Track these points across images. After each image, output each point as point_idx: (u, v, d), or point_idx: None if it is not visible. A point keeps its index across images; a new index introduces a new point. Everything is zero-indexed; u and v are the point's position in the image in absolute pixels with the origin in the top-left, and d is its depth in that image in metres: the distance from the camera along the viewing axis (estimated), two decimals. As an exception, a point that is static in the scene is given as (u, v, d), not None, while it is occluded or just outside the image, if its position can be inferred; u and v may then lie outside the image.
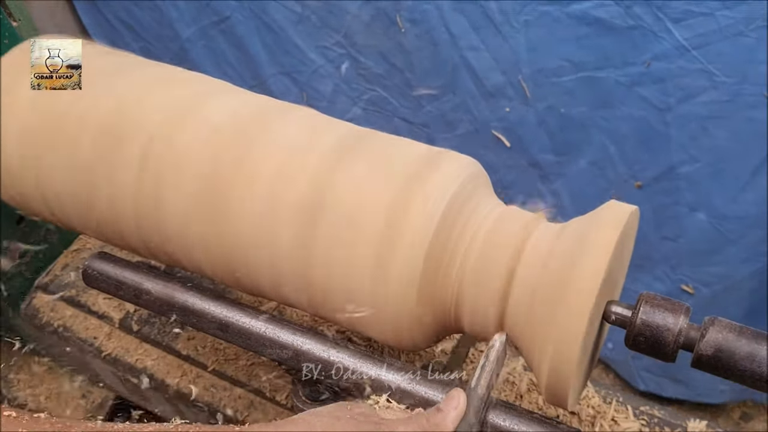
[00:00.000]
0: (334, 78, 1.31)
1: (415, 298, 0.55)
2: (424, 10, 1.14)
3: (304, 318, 0.90)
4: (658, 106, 1.10)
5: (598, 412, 0.80)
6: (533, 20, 1.10)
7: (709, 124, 1.08)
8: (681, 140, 1.12)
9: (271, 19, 1.28)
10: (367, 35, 1.22)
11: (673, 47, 1.04)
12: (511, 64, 1.15)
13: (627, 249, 0.58)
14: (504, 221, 0.58)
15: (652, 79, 1.08)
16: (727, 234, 1.16)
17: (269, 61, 1.35)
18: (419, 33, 1.17)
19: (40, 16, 1.34)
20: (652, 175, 1.18)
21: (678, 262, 1.25)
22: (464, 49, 1.16)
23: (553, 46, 1.11)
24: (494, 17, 1.11)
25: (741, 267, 1.19)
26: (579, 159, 1.22)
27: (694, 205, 1.17)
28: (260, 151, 0.60)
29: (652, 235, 1.23)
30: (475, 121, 1.25)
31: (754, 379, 0.47)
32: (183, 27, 1.37)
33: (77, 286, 1.02)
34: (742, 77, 1.02)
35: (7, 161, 0.69)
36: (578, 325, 0.48)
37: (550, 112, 1.19)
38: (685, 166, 1.14)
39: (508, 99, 1.20)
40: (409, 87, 1.26)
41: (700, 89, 1.06)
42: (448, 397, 0.52)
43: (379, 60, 1.25)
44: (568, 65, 1.12)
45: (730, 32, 0.99)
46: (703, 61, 1.02)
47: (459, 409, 0.50)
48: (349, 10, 1.20)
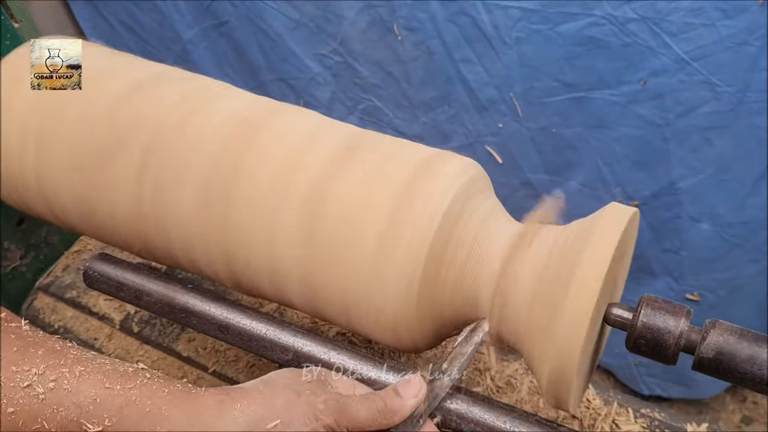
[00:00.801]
0: (331, 85, 1.31)
1: (415, 299, 0.55)
2: (420, 19, 1.13)
3: (305, 319, 0.90)
4: (656, 123, 1.08)
5: (599, 414, 0.80)
6: (525, 37, 1.08)
7: (711, 135, 1.06)
8: (681, 154, 1.10)
9: (268, 25, 1.27)
10: (363, 43, 1.21)
11: (672, 61, 1.01)
12: (503, 80, 1.13)
13: (628, 251, 0.58)
14: (504, 223, 0.58)
15: (650, 95, 1.06)
16: (733, 239, 1.15)
17: (267, 67, 1.34)
18: (416, 42, 1.16)
19: (41, 17, 1.35)
20: (649, 193, 1.16)
21: (681, 273, 1.23)
22: (458, 61, 1.15)
23: (544, 65, 1.09)
24: (487, 31, 1.09)
25: (747, 268, 1.18)
26: (571, 180, 1.21)
27: (697, 217, 1.15)
28: (261, 152, 0.60)
29: (652, 250, 1.22)
30: (469, 134, 1.23)
31: (755, 382, 0.47)
32: (185, 28, 1.37)
33: (78, 288, 1.02)
34: (745, 85, 1.00)
35: (7, 161, 0.69)
36: (579, 327, 0.47)
37: (542, 132, 1.17)
38: (687, 179, 1.12)
39: (501, 114, 1.18)
40: (405, 97, 1.25)
41: (702, 101, 1.04)
42: (408, 382, 0.51)
43: (375, 69, 1.24)
44: (559, 86, 1.10)
45: (733, 42, 0.97)
46: (705, 73, 1.01)
47: (418, 398, 0.50)
48: (346, 17, 1.19)
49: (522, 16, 1.05)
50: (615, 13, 1.00)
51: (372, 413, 0.48)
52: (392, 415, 0.49)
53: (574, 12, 1.03)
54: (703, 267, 1.21)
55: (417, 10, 1.12)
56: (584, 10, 1.02)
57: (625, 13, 1.00)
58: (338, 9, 1.19)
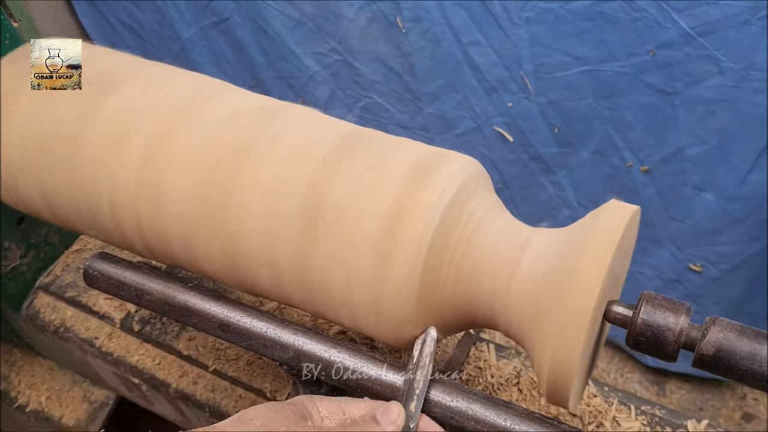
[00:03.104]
0: (330, 84, 1.31)
1: (416, 298, 0.55)
2: (427, 7, 1.15)
3: (305, 318, 0.90)
4: (666, 91, 1.12)
5: (599, 412, 0.80)
6: (535, 17, 1.11)
7: (716, 107, 1.11)
8: (688, 122, 1.14)
9: (268, 24, 1.28)
10: (363, 41, 1.22)
11: (678, 35, 1.05)
12: (513, 60, 1.17)
13: (628, 248, 0.58)
14: (505, 222, 0.58)
15: (658, 65, 1.10)
16: (734, 214, 1.19)
17: (266, 65, 1.35)
18: (421, 31, 1.17)
19: (40, 16, 1.35)
20: (659, 157, 1.20)
21: (685, 242, 1.27)
22: (467, 45, 1.17)
23: (555, 41, 1.13)
24: (496, 13, 1.12)
25: (748, 246, 1.21)
26: (582, 150, 1.24)
27: (701, 186, 1.20)
28: (261, 151, 0.60)
29: (660, 216, 1.25)
30: (477, 117, 1.25)
31: (755, 379, 0.47)
32: (184, 27, 1.37)
33: (78, 287, 1.02)
34: (748, 64, 1.04)
35: (7, 161, 0.69)
36: (580, 327, 0.48)
37: (552, 106, 1.20)
38: (693, 147, 1.16)
39: (511, 93, 1.21)
40: (407, 91, 1.26)
41: (707, 74, 1.08)
42: (386, 410, 0.51)
43: (376, 65, 1.25)
44: (570, 60, 1.14)
45: (736, 21, 1.01)
46: (710, 48, 1.05)
47: (397, 425, 0.50)
48: (345, 15, 1.20)
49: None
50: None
51: None
52: None
53: None
54: (706, 239, 1.25)
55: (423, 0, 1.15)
56: None
57: None
58: (337, 8, 1.19)
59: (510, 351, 0.87)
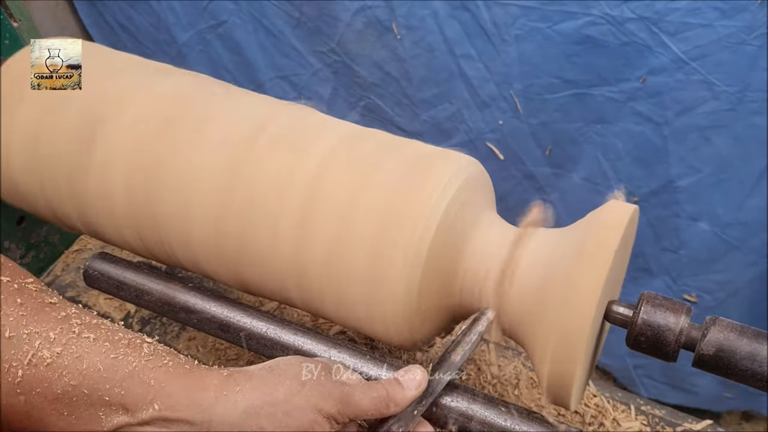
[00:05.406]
0: (332, 82, 1.31)
1: (415, 297, 0.55)
2: (421, 16, 1.13)
3: (305, 318, 0.90)
4: (655, 120, 1.08)
5: (600, 412, 0.80)
6: (524, 35, 1.08)
7: (710, 134, 1.06)
8: (680, 153, 1.10)
9: (271, 22, 1.27)
10: (360, 44, 1.21)
11: (670, 61, 1.02)
12: (502, 77, 1.14)
13: (628, 248, 0.58)
14: (505, 222, 0.58)
15: (648, 93, 1.06)
16: (731, 241, 1.15)
17: (267, 65, 1.34)
18: (416, 39, 1.16)
19: (40, 16, 1.35)
20: (648, 189, 1.16)
21: (679, 272, 1.23)
22: (459, 57, 1.15)
23: (544, 62, 1.09)
24: (487, 27, 1.10)
25: (745, 272, 1.18)
26: (573, 173, 1.21)
27: (695, 216, 1.15)
28: (260, 151, 0.60)
29: (652, 247, 1.22)
30: (470, 131, 1.24)
31: (755, 379, 0.47)
32: (180, 31, 1.36)
33: (78, 287, 1.02)
34: (745, 85, 1.00)
35: (7, 161, 0.69)
36: (581, 326, 0.48)
37: (542, 127, 1.17)
38: (685, 178, 1.12)
39: (501, 111, 1.18)
40: (405, 96, 1.25)
41: (700, 100, 1.04)
42: (410, 372, 0.51)
43: (374, 69, 1.24)
44: (559, 82, 1.11)
45: (731, 41, 0.97)
46: (703, 72, 1.01)
47: (419, 390, 0.50)
48: (341, 19, 1.19)
49: (521, 13, 1.06)
50: (613, 12, 1.01)
51: (374, 402, 0.49)
52: (393, 404, 0.49)
53: (572, 11, 1.03)
54: (701, 268, 1.21)
55: (417, 8, 1.12)
56: (582, 9, 1.02)
57: (623, 13, 1.00)
58: (333, 12, 1.19)
59: (510, 351, 0.87)
